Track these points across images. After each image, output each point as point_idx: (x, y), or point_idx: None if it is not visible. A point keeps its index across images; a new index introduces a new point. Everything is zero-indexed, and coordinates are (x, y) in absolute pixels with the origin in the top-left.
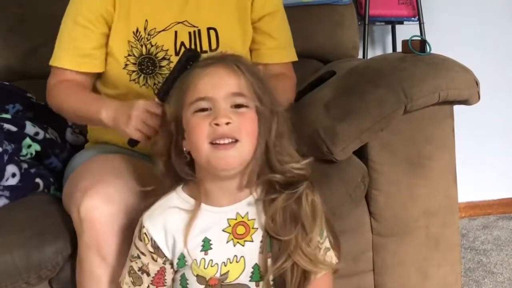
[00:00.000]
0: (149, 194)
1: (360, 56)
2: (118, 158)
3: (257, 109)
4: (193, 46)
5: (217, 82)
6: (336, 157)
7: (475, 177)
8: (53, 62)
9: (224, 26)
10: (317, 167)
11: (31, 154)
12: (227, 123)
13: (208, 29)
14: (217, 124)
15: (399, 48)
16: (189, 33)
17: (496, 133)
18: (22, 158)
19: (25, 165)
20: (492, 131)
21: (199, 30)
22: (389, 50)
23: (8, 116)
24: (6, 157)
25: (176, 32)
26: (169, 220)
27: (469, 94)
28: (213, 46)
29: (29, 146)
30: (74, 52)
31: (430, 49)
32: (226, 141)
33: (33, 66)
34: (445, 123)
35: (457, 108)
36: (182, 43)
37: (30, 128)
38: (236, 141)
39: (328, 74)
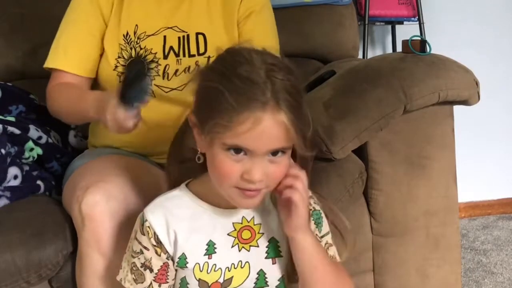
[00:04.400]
0: (148, 193)
1: (360, 56)
2: (118, 158)
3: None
4: (181, 51)
5: (260, 135)
6: (335, 156)
7: (475, 177)
8: (53, 64)
9: (212, 31)
10: (315, 163)
11: (33, 157)
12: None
13: (197, 34)
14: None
15: (399, 48)
16: (179, 38)
17: (496, 133)
18: (24, 161)
19: (26, 168)
20: (492, 131)
21: (188, 35)
22: (389, 50)
23: (12, 119)
24: (9, 160)
25: (165, 37)
26: (170, 215)
27: (469, 94)
28: (201, 50)
29: (32, 149)
30: (77, 56)
31: (430, 49)
32: (254, 192)
33: (33, 66)
34: (445, 123)
35: (457, 108)
36: (171, 47)
37: (33, 132)
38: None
39: (328, 74)
